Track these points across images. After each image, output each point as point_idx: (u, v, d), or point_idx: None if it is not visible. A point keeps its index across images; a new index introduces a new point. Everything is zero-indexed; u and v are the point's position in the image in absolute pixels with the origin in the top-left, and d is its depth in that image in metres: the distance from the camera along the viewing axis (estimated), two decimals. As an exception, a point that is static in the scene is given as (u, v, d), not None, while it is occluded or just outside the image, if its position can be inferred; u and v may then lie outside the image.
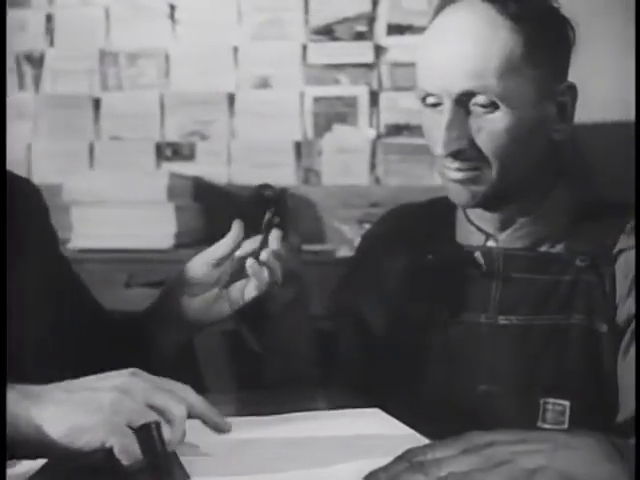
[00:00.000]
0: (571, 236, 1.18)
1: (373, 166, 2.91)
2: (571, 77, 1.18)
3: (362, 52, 2.91)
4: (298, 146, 2.95)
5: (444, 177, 1.16)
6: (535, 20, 1.11)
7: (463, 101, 1.10)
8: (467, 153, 1.11)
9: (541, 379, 1.14)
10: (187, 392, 0.82)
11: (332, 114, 2.94)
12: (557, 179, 1.21)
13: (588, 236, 1.17)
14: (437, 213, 1.27)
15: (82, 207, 2.66)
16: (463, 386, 1.17)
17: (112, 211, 2.64)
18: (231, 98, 2.98)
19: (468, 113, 1.10)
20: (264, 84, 2.97)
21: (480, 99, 1.09)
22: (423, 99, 1.14)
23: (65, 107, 3.02)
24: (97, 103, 3.04)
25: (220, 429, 0.84)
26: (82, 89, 3.04)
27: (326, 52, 2.94)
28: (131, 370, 0.82)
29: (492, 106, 1.09)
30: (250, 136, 2.97)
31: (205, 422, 0.84)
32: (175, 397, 0.80)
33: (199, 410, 0.83)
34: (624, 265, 1.14)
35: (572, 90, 1.16)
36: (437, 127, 1.11)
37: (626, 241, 1.16)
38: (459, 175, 1.13)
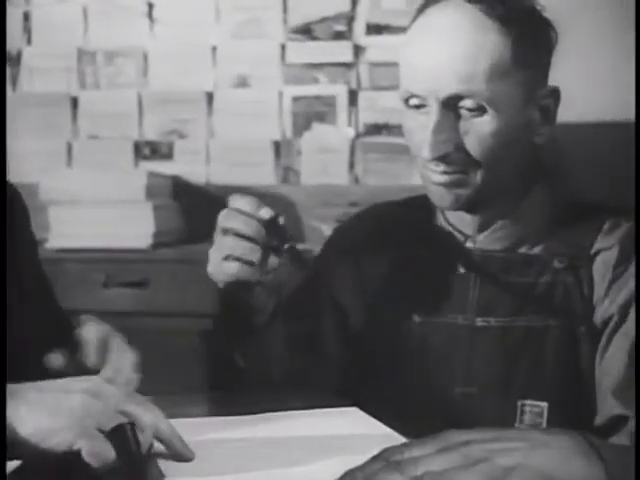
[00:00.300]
0: (549, 238, 1.18)
1: (352, 165, 2.91)
2: (561, 78, 1.18)
3: (341, 51, 2.91)
4: (277, 145, 2.94)
5: (427, 179, 1.15)
6: (521, 22, 1.10)
7: (450, 104, 1.09)
8: (453, 157, 1.10)
9: (519, 381, 1.14)
10: (156, 413, 0.81)
11: (311, 113, 2.93)
12: (535, 181, 1.20)
13: (566, 237, 1.17)
14: (415, 212, 1.26)
15: (60, 206, 2.64)
16: (440, 387, 1.17)
17: (90, 210, 2.63)
18: (210, 97, 2.97)
19: (456, 116, 1.09)
20: (243, 83, 2.97)
21: (468, 102, 1.08)
22: (406, 100, 1.12)
23: (42, 105, 3.01)
24: (75, 102, 3.02)
25: (182, 458, 0.83)
26: (60, 87, 3.02)
27: (305, 51, 2.93)
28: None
29: (480, 110, 1.08)
30: (229, 135, 2.96)
31: (168, 447, 0.82)
32: (145, 407, 0.80)
33: (165, 433, 0.81)
34: (601, 266, 1.14)
35: (555, 93, 1.16)
36: (421, 129, 1.10)
37: (603, 241, 1.16)
38: (444, 178, 1.12)
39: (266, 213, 1.11)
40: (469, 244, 1.20)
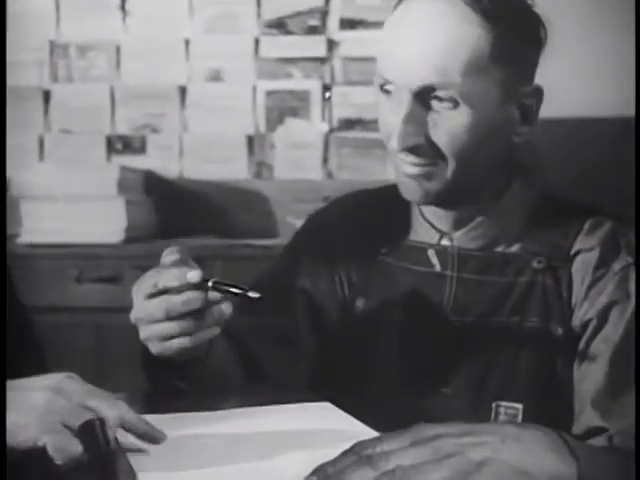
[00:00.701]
0: (528, 236, 1.15)
1: (326, 160, 2.91)
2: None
3: (315, 46, 2.91)
4: (250, 140, 2.94)
5: (398, 170, 1.12)
6: (507, 18, 1.06)
7: (423, 95, 1.05)
8: (423, 149, 1.07)
9: (494, 382, 1.12)
10: (120, 404, 0.82)
11: (284, 108, 2.93)
12: (513, 178, 1.17)
13: (545, 237, 1.14)
14: (391, 203, 1.22)
15: (31, 201, 2.62)
16: (414, 387, 1.14)
17: (62, 205, 2.61)
18: (183, 91, 2.96)
19: (427, 108, 1.06)
20: (216, 77, 2.96)
21: (440, 94, 1.05)
22: (382, 86, 1.10)
23: (14, 99, 2.98)
24: (47, 95, 3.00)
25: (155, 440, 0.83)
26: (32, 81, 3.00)
27: (278, 46, 2.93)
28: (66, 373, 0.82)
29: (452, 102, 1.05)
30: (202, 130, 2.95)
31: (138, 435, 0.82)
32: (109, 402, 0.80)
33: (131, 422, 0.82)
34: (581, 267, 1.12)
35: (538, 93, 1.12)
36: (393, 115, 1.07)
37: (584, 242, 1.13)
38: (414, 170, 1.09)
39: (195, 276, 0.98)
40: (445, 241, 1.17)
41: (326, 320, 1.24)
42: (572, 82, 2.63)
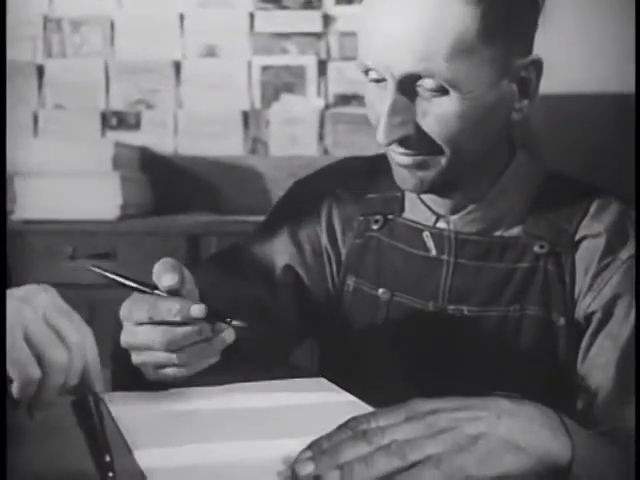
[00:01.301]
0: (529, 218, 1.08)
1: (321, 137, 2.90)
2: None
3: (310, 21, 2.89)
4: (245, 116, 2.92)
5: (391, 159, 1.05)
6: None
7: (407, 82, 0.97)
8: (413, 139, 0.99)
9: (491, 372, 1.07)
10: (86, 332, 0.75)
11: (280, 84, 2.92)
12: (512, 155, 1.10)
13: (548, 219, 1.07)
14: (384, 173, 1.12)
15: (26, 178, 2.61)
16: (407, 375, 1.10)
17: (56, 181, 2.60)
18: (177, 67, 2.94)
19: (414, 95, 0.98)
20: (211, 53, 2.94)
21: (427, 82, 0.96)
22: (366, 72, 1.02)
23: (8, 74, 2.96)
24: (41, 70, 2.98)
25: (89, 389, 0.74)
26: (25, 56, 2.98)
27: (274, 21, 2.91)
28: (43, 286, 0.76)
29: (440, 90, 0.96)
30: (197, 106, 2.94)
31: (84, 373, 0.75)
32: (77, 325, 0.75)
33: (88, 358, 0.74)
34: (586, 255, 1.05)
35: (537, 65, 1.01)
36: (380, 103, 1.00)
37: (589, 226, 1.05)
38: (406, 160, 1.02)
39: (199, 312, 0.91)
40: (442, 224, 1.11)
41: (315, 301, 1.18)
42: (571, 58, 2.61)
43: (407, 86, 0.97)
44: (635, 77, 2.05)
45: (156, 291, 0.93)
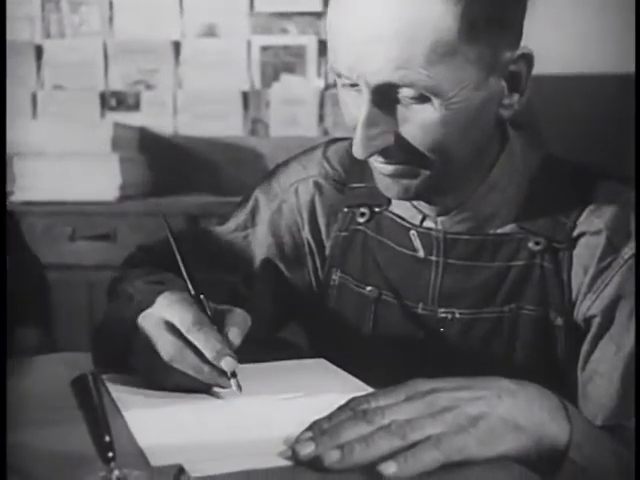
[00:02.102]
0: (524, 212, 1.00)
1: (322, 118, 2.89)
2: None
3: (310, 1, 2.87)
4: (245, 96, 2.91)
5: (373, 167, 0.97)
6: None
7: (384, 91, 0.88)
8: (393, 149, 0.91)
9: (487, 375, 0.96)
10: None
11: (280, 64, 2.90)
12: (504, 145, 1.01)
13: (544, 212, 0.99)
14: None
15: (25, 158, 2.61)
16: (395, 376, 1.05)
17: (56, 162, 2.59)
18: (177, 47, 2.93)
19: (392, 102, 0.89)
20: (210, 33, 2.93)
21: (405, 91, 0.88)
22: (339, 76, 0.92)
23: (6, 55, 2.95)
24: (39, 51, 2.96)
25: None
26: (24, 36, 2.96)
27: (273, 0, 2.89)
28: None
29: (421, 98, 0.88)
30: (196, 86, 2.92)
31: None
32: None
33: None
34: (585, 253, 0.97)
35: (527, 58, 0.93)
36: (355, 107, 0.91)
37: (589, 222, 0.97)
38: (389, 169, 0.94)
39: (230, 367, 0.87)
40: (429, 223, 1.03)
41: (298, 293, 1.14)
42: (571, 38, 2.60)
43: (384, 94, 0.88)
44: (635, 57, 2.04)
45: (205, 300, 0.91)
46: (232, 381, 0.87)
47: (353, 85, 0.91)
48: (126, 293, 1.02)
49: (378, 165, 0.95)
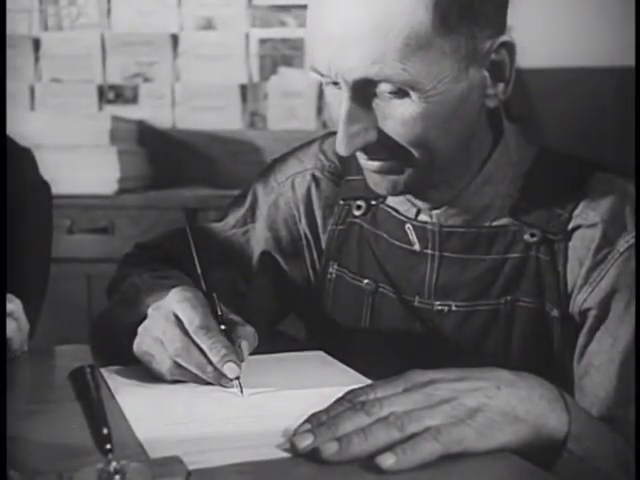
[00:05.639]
0: (520, 204, 1.00)
1: (320, 110, 2.88)
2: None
3: (309, -7, 2.87)
4: (243, 89, 2.91)
5: (361, 164, 0.98)
6: None
7: (362, 87, 0.89)
8: (376, 145, 0.92)
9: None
10: (15, 301, 0.80)
11: (278, 57, 2.90)
12: (499, 138, 1.02)
13: (539, 203, 0.99)
14: None
15: (22, 151, 2.60)
16: (392, 368, 1.05)
17: (54, 155, 2.58)
18: (175, 39, 2.92)
19: (371, 98, 0.90)
20: (208, 25, 2.92)
21: (383, 86, 0.88)
22: (321, 75, 0.93)
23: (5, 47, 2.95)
24: (37, 43, 2.96)
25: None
26: (21, 29, 2.96)
27: (272, -7, 2.89)
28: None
29: (399, 92, 0.88)
30: (194, 79, 2.92)
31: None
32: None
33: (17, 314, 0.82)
34: (580, 246, 0.97)
35: (509, 46, 0.92)
36: (337, 105, 0.92)
37: (584, 214, 0.97)
38: (373, 165, 0.95)
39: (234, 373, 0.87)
40: (424, 216, 1.04)
41: (296, 286, 1.15)
42: (571, 31, 2.60)
43: (363, 90, 0.89)
44: (635, 50, 2.03)
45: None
46: (234, 383, 0.87)
47: (335, 83, 0.92)
48: (133, 285, 1.03)
49: (364, 162, 0.96)
